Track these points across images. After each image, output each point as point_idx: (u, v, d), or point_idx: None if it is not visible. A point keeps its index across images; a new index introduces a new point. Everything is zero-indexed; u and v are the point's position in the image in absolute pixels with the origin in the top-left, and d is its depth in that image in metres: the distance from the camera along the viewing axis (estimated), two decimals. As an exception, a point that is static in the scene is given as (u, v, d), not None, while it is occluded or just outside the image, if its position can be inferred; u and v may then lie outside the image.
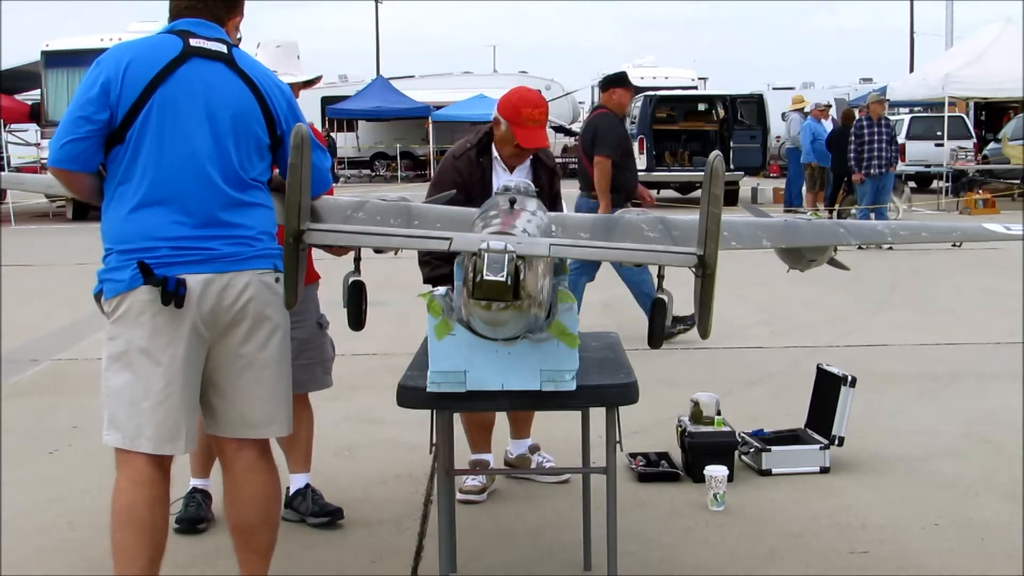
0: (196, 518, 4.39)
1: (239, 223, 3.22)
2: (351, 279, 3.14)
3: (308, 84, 4.94)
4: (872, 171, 14.76)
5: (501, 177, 4.68)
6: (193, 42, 3.22)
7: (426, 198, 4.67)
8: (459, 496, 4.71)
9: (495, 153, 4.72)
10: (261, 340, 3.27)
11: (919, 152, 22.93)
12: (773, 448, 5.04)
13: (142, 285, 3.11)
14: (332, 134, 30.85)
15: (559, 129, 33.98)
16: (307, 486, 4.55)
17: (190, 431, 3.26)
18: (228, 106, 3.21)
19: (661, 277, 3.07)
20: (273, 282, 3.26)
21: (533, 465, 5.01)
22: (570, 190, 5.23)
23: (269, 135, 3.30)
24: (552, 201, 4.78)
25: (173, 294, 3.09)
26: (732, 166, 20.32)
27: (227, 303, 3.19)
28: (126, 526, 3.19)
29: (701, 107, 24.11)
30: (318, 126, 30.35)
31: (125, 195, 3.17)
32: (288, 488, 4.48)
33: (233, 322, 3.22)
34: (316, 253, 3.17)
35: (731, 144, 21.66)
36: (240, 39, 3.46)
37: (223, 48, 3.27)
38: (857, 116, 15.95)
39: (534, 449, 5.07)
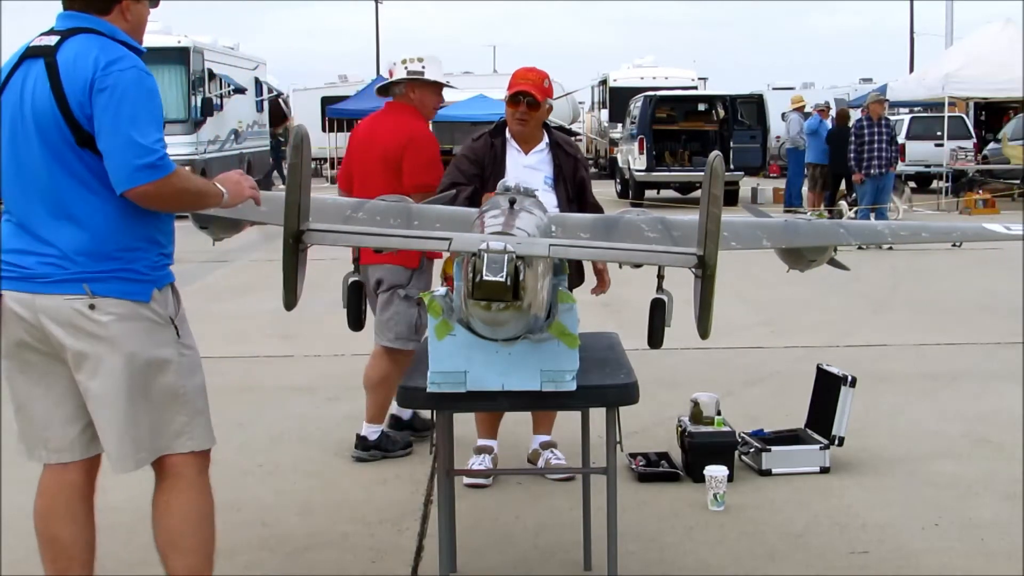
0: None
1: (52, 241, 3.00)
2: (351, 279, 3.14)
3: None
4: (872, 171, 14.76)
5: (516, 159, 4.81)
6: (35, 42, 3.07)
7: (443, 183, 4.79)
8: (466, 481, 4.74)
9: (508, 136, 4.84)
10: (88, 370, 3.05)
11: (919, 152, 22.90)
12: (773, 448, 5.04)
13: None
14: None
15: (559, 129, 33.86)
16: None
17: (53, 441, 3.20)
18: (36, 109, 2.99)
19: (661, 277, 3.08)
20: (87, 308, 2.99)
21: (541, 460, 5.04)
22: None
23: (74, 133, 2.96)
24: (580, 188, 4.86)
25: None
26: (732, 166, 20.29)
27: (46, 324, 3.02)
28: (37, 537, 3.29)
29: (701, 107, 24.07)
30: (317, 126, 30.46)
31: None
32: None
33: (60, 346, 3.04)
34: (317, 252, 3.12)
35: (731, 144, 21.62)
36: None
37: (51, 41, 3.02)
38: (858, 116, 15.95)
39: (546, 445, 5.09)
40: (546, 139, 4.89)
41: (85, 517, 3.27)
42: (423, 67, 5.28)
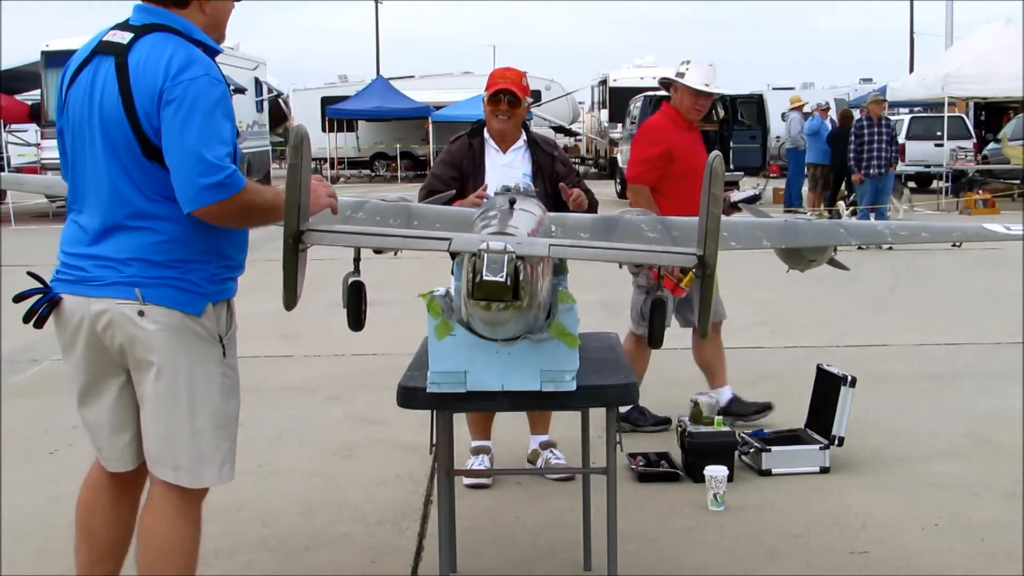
0: None
1: (108, 245, 2.93)
2: (351, 279, 3.13)
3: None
4: (872, 171, 14.76)
5: (494, 158, 4.89)
6: (108, 36, 2.94)
7: (424, 186, 4.88)
8: (467, 482, 4.74)
9: (487, 135, 4.93)
10: (142, 373, 2.98)
11: (919, 152, 22.92)
12: (773, 448, 5.04)
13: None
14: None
15: (559, 129, 33.97)
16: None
17: (104, 450, 3.15)
18: (104, 112, 2.89)
19: (662, 277, 3.07)
20: (136, 314, 2.90)
21: (541, 460, 5.04)
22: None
23: (141, 144, 2.86)
24: (557, 183, 4.82)
25: (32, 313, 2.99)
26: (732, 166, 20.32)
27: (100, 329, 2.95)
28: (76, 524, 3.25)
29: (701, 107, 24.05)
30: (317, 126, 30.45)
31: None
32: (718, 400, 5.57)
33: (118, 350, 2.97)
34: (317, 252, 3.10)
35: (731, 144, 21.64)
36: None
37: (124, 39, 2.91)
38: (857, 116, 15.95)
39: (545, 445, 5.11)
40: (524, 137, 4.98)
41: (128, 515, 3.23)
42: (686, 70, 5.69)
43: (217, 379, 3.02)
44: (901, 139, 20.50)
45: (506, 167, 4.82)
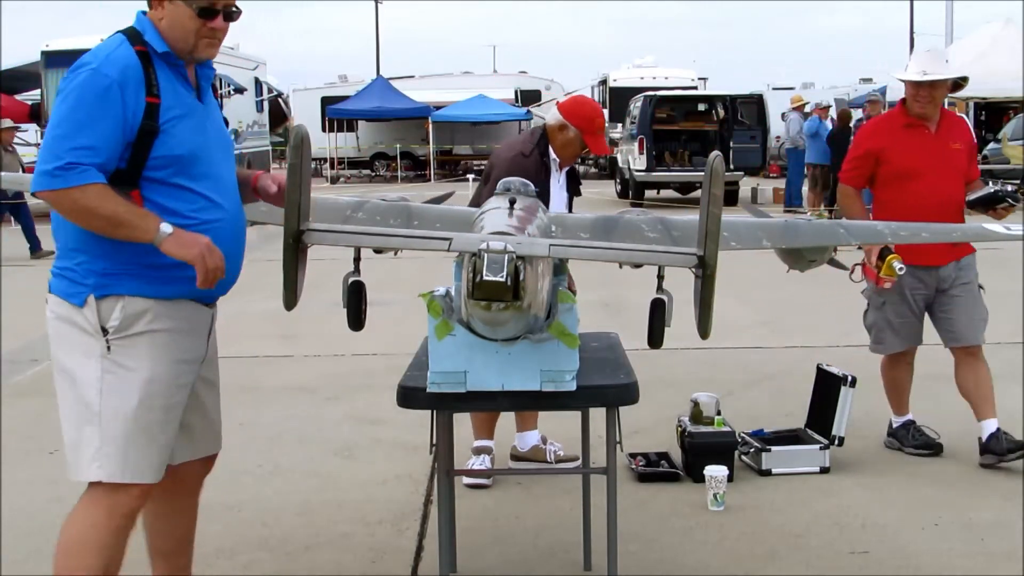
0: None
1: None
2: (351, 279, 3.13)
3: (957, 86, 5.45)
4: (872, 171, 14.76)
5: (555, 177, 4.93)
6: None
7: (482, 188, 4.85)
8: (467, 481, 4.74)
9: (552, 155, 4.91)
10: None
11: (919, 152, 22.86)
12: (773, 448, 5.04)
13: None
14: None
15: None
16: (911, 421, 5.33)
17: None
18: None
19: (661, 277, 3.08)
20: (45, 303, 3.00)
21: (550, 455, 5.12)
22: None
23: None
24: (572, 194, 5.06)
25: None
26: (732, 166, 20.30)
27: None
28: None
29: (701, 107, 24.07)
30: (317, 126, 30.43)
31: None
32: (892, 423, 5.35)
33: None
34: (317, 252, 3.09)
35: (731, 144, 21.60)
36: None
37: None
38: (858, 116, 15.96)
39: (545, 440, 5.14)
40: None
41: (169, 509, 3.28)
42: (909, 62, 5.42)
43: (92, 373, 2.91)
44: (901, 139, 20.46)
45: (560, 188, 4.93)
